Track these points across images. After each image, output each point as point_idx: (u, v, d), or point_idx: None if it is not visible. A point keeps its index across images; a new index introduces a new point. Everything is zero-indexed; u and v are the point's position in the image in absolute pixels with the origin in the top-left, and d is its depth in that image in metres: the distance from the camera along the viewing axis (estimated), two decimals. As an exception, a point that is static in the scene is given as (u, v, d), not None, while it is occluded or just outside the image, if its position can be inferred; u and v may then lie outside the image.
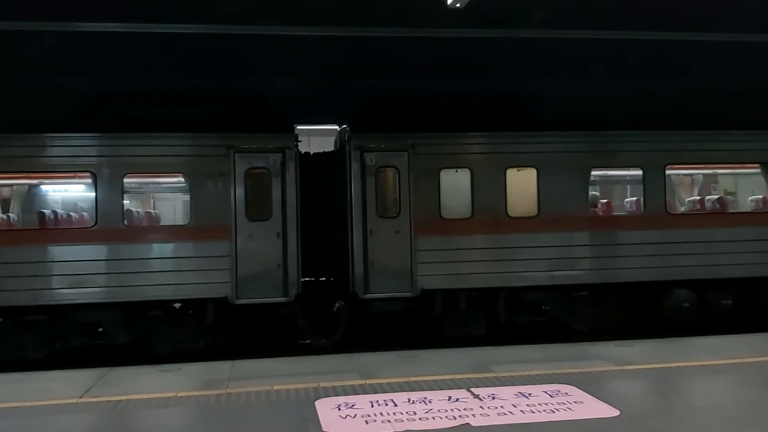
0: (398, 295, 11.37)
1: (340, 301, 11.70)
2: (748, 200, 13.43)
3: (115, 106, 11.11)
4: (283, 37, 11.15)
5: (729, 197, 13.69)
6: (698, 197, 13.43)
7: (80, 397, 7.79)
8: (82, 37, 10.84)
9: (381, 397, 7.35)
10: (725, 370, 8.51)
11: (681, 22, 11.48)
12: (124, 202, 11.00)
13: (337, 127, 12.94)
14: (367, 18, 10.86)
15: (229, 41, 11.28)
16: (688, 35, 11.88)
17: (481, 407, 6.88)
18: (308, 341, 11.57)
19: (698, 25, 11.56)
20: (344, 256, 11.47)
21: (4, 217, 11.33)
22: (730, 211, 13.09)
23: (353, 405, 7.07)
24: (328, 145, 13.17)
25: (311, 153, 12.30)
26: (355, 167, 11.41)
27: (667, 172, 12.35)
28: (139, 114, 10.94)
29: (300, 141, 11.51)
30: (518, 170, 11.88)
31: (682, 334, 10.84)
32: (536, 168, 11.82)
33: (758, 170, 12.96)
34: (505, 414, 6.67)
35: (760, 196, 12.95)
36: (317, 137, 14.58)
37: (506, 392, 7.39)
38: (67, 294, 10.50)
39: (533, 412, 6.70)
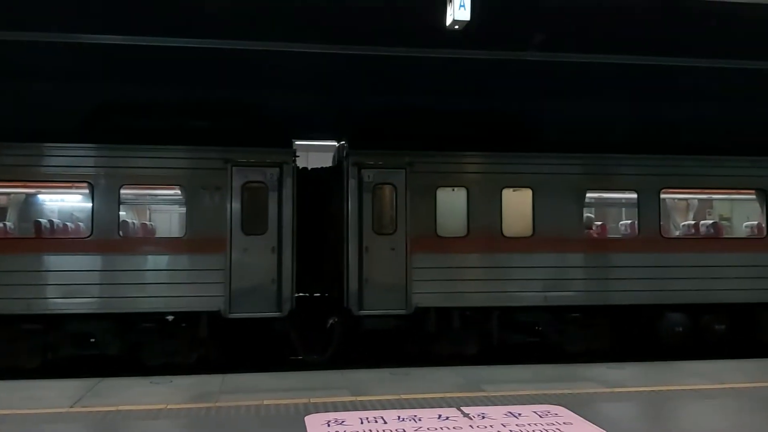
0: (392, 312, 11.37)
1: (334, 318, 11.69)
2: (743, 226, 13.48)
3: (114, 118, 11.18)
4: (284, 53, 11.25)
5: (724, 223, 13.74)
6: (693, 222, 13.48)
7: (71, 407, 7.76)
8: (85, 48, 10.93)
9: (371, 414, 7.32)
10: (717, 395, 8.49)
11: (683, 47, 11.62)
12: (121, 213, 11.00)
13: (335, 143, 13.01)
14: (367, 36, 10.97)
15: (229, 55, 11.38)
16: (690, 61, 12.00)
17: (470, 426, 6.86)
18: (300, 357, 11.55)
19: (698, 50, 11.70)
20: (339, 272, 11.49)
21: (1, 225, 11.34)
22: (725, 236, 13.15)
23: (343, 421, 7.05)
24: (326, 161, 13.23)
25: (309, 168, 12.35)
26: (353, 183, 11.46)
27: (662, 196, 12.41)
28: (137, 125, 11.01)
29: (298, 156, 11.56)
30: (514, 190, 11.93)
31: (675, 358, 10.83)
32: (532, 189, 11.89)
33: (753, 196, 13.01)
34: (494, 434, 6.65)
35: (755, 222, 12.99)
36: (315, 153, 14.63)
37: (496, 412, 7.36)
38: (60, 304, 10.51)
39: (523, 433, 6.68)
